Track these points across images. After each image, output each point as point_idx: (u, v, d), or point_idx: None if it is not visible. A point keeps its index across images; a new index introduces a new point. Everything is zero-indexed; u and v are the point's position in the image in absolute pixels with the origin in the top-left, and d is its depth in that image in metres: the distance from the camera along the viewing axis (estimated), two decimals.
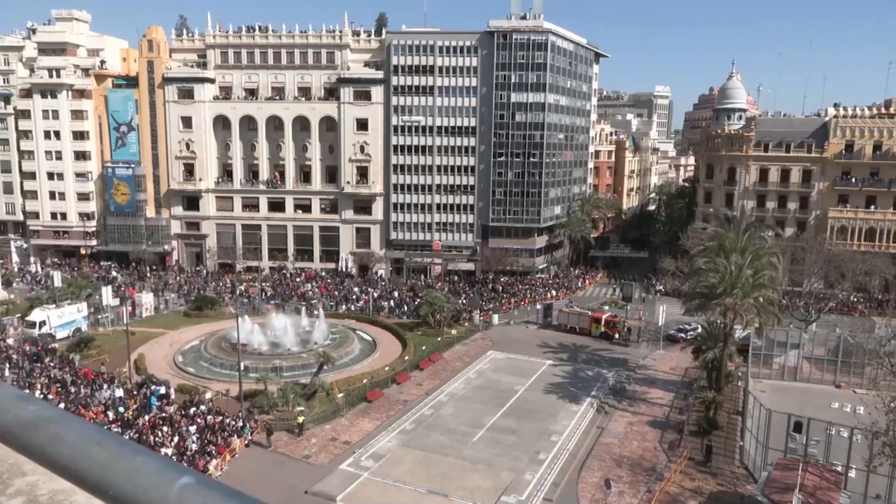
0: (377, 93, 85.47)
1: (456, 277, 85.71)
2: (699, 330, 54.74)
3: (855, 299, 72.75)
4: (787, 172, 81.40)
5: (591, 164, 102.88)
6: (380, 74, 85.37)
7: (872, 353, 45.05)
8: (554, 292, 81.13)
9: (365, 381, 48.32)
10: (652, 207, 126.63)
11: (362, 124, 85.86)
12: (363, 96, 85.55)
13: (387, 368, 51.48)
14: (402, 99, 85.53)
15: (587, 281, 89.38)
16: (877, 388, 38.26)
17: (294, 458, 37.96)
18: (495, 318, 68.86)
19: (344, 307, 72.57)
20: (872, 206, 78.02)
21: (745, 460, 38.51)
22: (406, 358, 54.10)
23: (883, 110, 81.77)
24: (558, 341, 62.66)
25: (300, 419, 40.83)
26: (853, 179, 78.58)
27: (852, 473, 32.94)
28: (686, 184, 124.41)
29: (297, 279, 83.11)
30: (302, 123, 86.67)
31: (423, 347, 57.36)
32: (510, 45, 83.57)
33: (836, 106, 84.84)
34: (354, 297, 76.09)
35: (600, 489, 34.77)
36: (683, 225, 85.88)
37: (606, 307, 72.43)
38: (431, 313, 62.73)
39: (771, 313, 47.49)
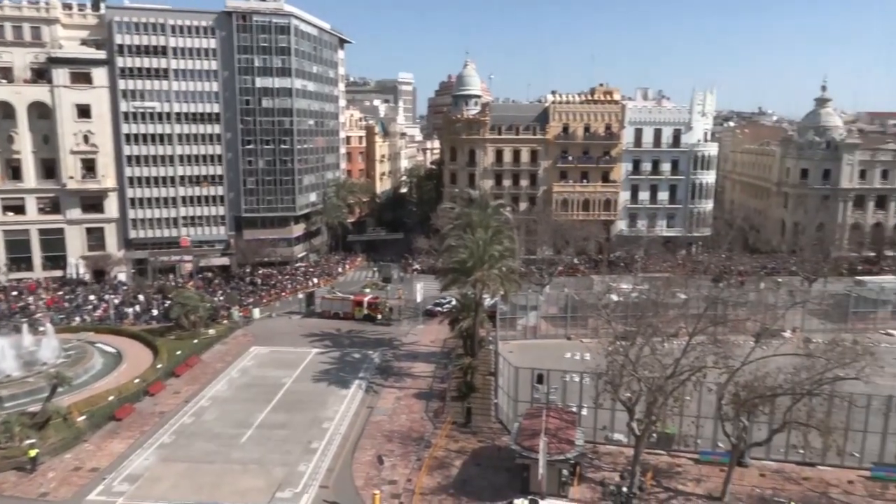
0: (100, 75, 76.15)
1: (210, 274, 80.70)
2: (454, 302, 58.65)
3: (577, 262, 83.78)
4: (518, 153, 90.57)
5: (343, 150, 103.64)
6: (102, 54, 76.11)
7: (592, 306, 52.38)
8: (315, 280, 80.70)
9: (111, 398, 43.39)
10: (404, 190, 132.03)
11: (84, 111, 75.96)
12: (82, 79, 75.57)
13: (137, 381, 46.80)
14: (131, 83, 77.48)
15: (347, 266, 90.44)
16: (598, 336, 44.58)
17: (27, 498, 32.79)
18: (256, 313, 66.44)
19: (78, 319, 64.12)
20: (585, 181, 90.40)
21: (499, 416, 42.46)
22: (159, 366, 49.73)
23: (589, 97, 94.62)
24: (323, 328, 62.62)
25: (31, 453, 35.34)
26: (570, 158, 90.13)
27: (584, 411, 38.15)
28: (434, 166, 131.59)
29: (14, 292, 71.19)
30: (5, 110, 73.82)
31: (179, 352, 53.28)
32: (251, 28, 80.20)
33: (553, 93, 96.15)
34: (91, 306, 67.61)
35: (374, 466, 35.80)
36: (434, 205, 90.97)
37: (368, 290, 74.07)
38: (185, 314, 58.44)
39: (513, 281, 52.58)
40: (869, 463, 34.86)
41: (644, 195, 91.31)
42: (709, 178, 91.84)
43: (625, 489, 30.37)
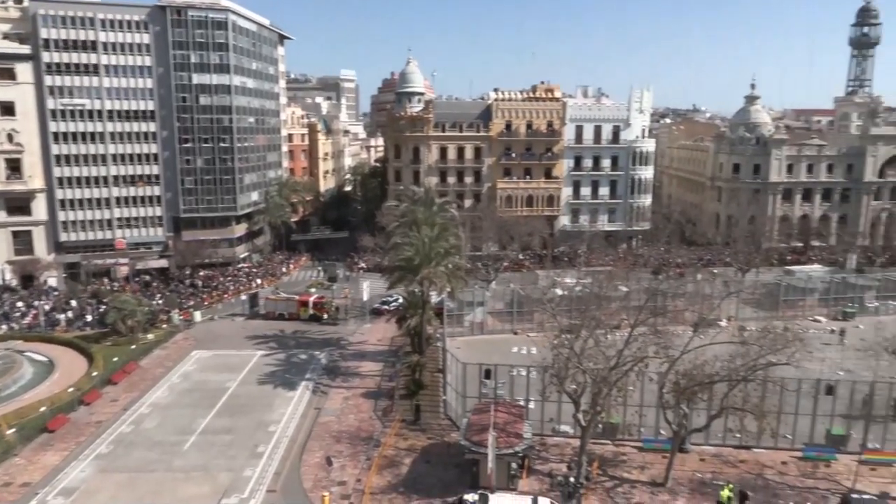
0: (24, 71, 72.54)
1: (148, 277, 78.12)
2: (400, 300, 58.47)
3: (522, 257, 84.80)
4: (462, 150, 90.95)
5: (285, 148, 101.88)
6: (26, 49, 72.48)
7: (538, 301, 53.19)
8: (259, 281, 79.14)
9: (43, 409, 41.49)
10: (348, 188, 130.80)
11: (7, 108, 72.24)
12: (5, 75, 71.85)
13: (71, 390, 44.86)
14: (58, 79, 74.14)
15: (292, 266, 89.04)
16: (543, 330, 45.38)
17: None
18: (197, 316, 64.68)
19: (5, 327, 61.02)
20: (529, 177, 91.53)
21: (448, 412, 42.60)
22: (94, 374, 47.84)
23: (531, 94, 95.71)
24: (268, 330, 61.48)
25: None
26: (513, 154, 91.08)
27: (532, 405, 38.68)
28: (378, 164, 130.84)
29: None
30: None
31: (115, 359, 51.43)
32: (186, 23, 77.84)
33: (496, 90, 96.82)
34: (19, 313, 64.43)
35: (323, 468, 35.39)
36: (379, 203, 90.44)
37: (313, 289, 73.17)
38: (121, 319, 56.38)
39: (459, 278, 52.76)
40: (800, 444, 36.58)
41: (586, 191, 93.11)
42: (647, 173, 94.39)
43: (572, 479, 30.92)
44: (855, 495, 30.55)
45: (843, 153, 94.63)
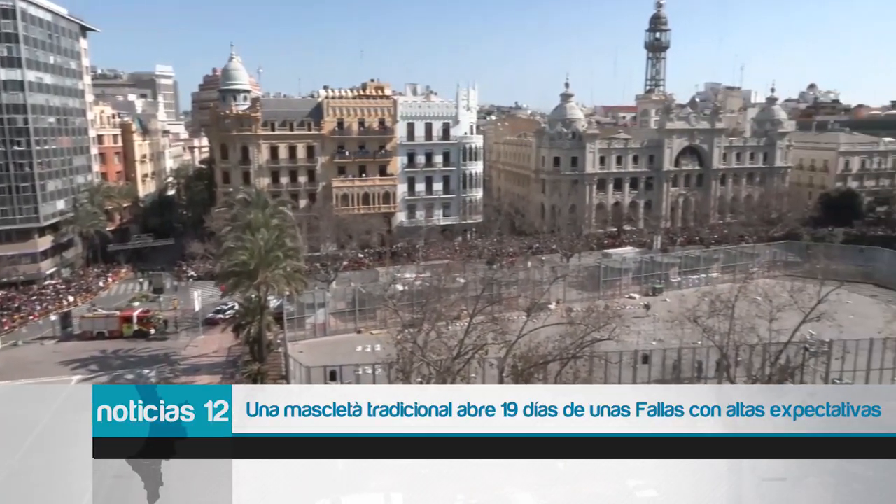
0: None
1: None
2: (237, 308, 55.79)
3: (362, 256, 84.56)
4: (294, 149, 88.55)
5: (94, 150, 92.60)
6: None
7: (379, 298, 53.43)
8: (71, 298, 71.35)
9: None
10: (171, 192, 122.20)
11: None
12: None
13: None
14: None
15: (110, 279, 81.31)
16: (387, 327, 45.67)
17: None
18: None
19: None
20: (364, 175, 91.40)
21: None
22: None
23: (361, 92, 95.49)
24: (86, 352, 55.64)
25: None
26: (346, 152, 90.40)
27: None
28: (203, 165, 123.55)
29: None
30: None
31: None
32: None
33: (326, 88, 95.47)
34: None
35: None
36: (206, 207, 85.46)
37: (137, 303, 67.62)
38: None
39: (298, 280, 51.36)
40: None
41: (420, 187, 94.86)
42: (477, 168, 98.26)
43: None
44: None
45: (645, 146, 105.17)
